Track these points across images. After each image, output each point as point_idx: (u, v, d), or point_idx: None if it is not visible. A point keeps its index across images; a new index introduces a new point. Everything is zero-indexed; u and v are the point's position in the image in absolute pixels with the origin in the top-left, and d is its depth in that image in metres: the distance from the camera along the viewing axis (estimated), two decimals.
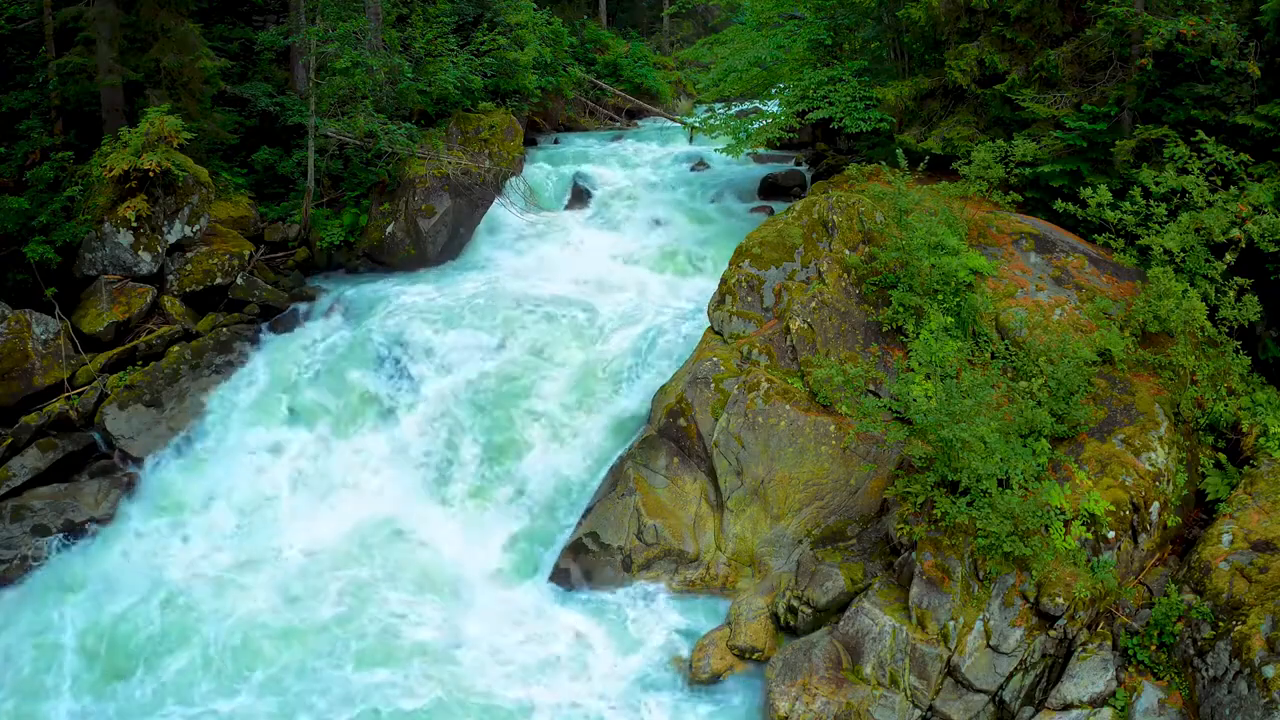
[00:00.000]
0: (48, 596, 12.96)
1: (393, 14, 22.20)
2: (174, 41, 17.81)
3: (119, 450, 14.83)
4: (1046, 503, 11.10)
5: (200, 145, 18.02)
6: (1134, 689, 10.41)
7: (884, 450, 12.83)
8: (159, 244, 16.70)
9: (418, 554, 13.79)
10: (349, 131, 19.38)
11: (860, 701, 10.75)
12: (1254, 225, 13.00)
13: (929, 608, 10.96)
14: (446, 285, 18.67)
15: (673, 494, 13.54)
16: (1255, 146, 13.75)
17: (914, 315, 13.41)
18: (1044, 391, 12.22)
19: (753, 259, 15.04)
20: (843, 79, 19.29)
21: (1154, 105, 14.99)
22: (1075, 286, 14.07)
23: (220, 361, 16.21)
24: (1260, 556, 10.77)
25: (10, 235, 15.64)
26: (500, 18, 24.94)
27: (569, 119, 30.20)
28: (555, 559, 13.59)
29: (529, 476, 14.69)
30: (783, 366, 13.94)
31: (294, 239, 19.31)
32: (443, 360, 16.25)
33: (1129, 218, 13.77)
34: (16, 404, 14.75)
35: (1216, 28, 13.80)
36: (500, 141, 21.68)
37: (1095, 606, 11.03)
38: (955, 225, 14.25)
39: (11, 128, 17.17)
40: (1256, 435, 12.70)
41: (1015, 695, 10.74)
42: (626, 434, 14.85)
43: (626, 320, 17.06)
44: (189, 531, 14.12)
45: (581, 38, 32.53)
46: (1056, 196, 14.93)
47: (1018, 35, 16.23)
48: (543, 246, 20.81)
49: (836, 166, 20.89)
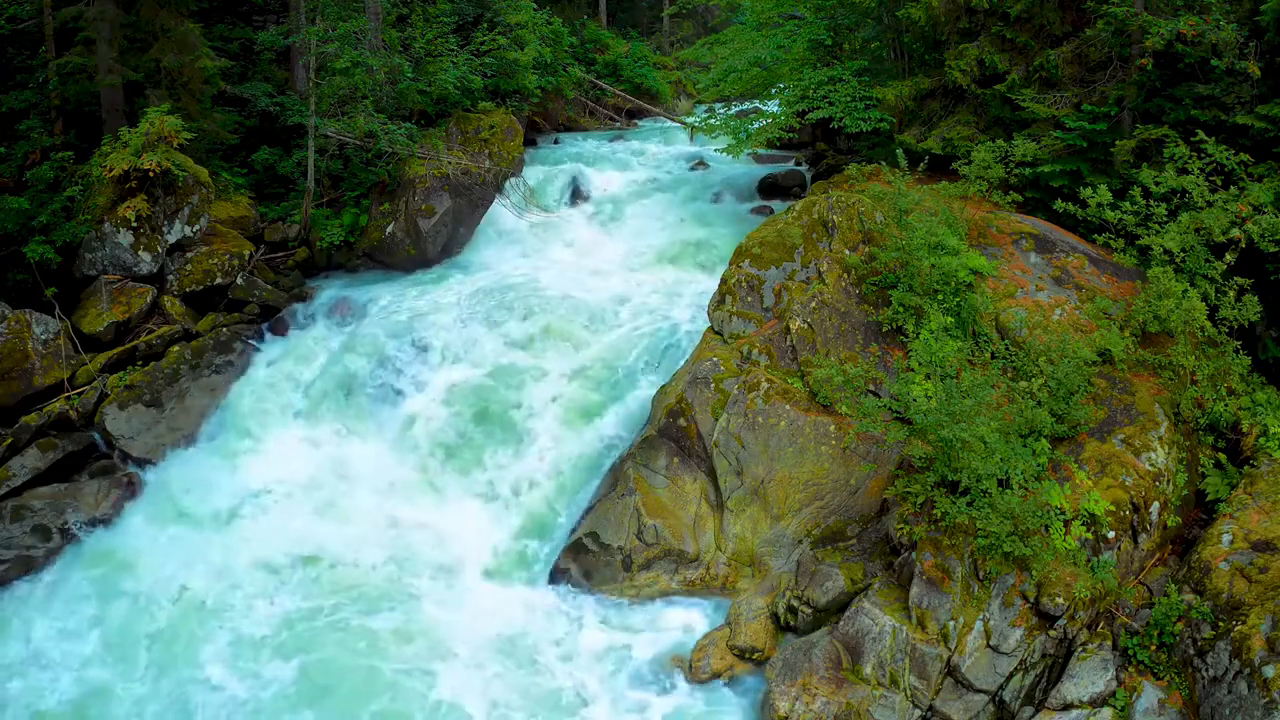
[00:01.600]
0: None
1: (393, 14, 22.20)
2: (174, 41, 17.82)
3: (119, 450, 14.84)
4: (1046, 503, 11.10)
5: (200, 145, 18.03)
6: (1134, 689, 10.40)
7: (884, 450, 12.83)
8: (159, 244, 16.70)
9: (417, 554, 13.78)
10: (349, 131, 19.38)
11: (860, 701, 10.75)
12: (1254, 225, 12.99)
13: (929, 608, 10.96)
14: (446, 285, 18.68)
15: (673, 494, 13.54)
16: (1255, 146, 13.74)
17: (914, 315, 13.41)
18: (1044, 391, 12.22)
19: (753, 259, 15.04)
20: (843, 79, 19.29)
21: (1154, 105, 14.99)
22: (1075, 286, 14.07)
23: (220, 361, 16.22)
24: (1260, 556, 10.76)
25: (10, 235, 15.65)
26: (500, 18, 24.95)
27: (569, 119, 30.21)
28: (555, 559, 13.59)
29: (528, 476, 14.69)
30: (783, 366, 13.94)
31: (294, 239, 19.31)
32: (442, 360, 16.26)
33: (1129, 218, 13.77)
34: (16, 404, 14.76)
35: (1216, 28, 13.80)
36: (500, 141, 21.68)
37: (1095, 606, 11.03)
38: (955, 225, 14.25)
39: (11, 128, 17.18)
40: (1256, 435, 12.70)
41: (1015, 695, 10.74)
42: (626, 434, 14.85)
43: (626, 320, 17.06)
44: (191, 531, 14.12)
45: (581, 38, 32.54)
46: (1056, 196, 14.93)
47: (1018, 35, 16.23)
48: (543, 246, 20.83)
49: (836, 166, 20.89)
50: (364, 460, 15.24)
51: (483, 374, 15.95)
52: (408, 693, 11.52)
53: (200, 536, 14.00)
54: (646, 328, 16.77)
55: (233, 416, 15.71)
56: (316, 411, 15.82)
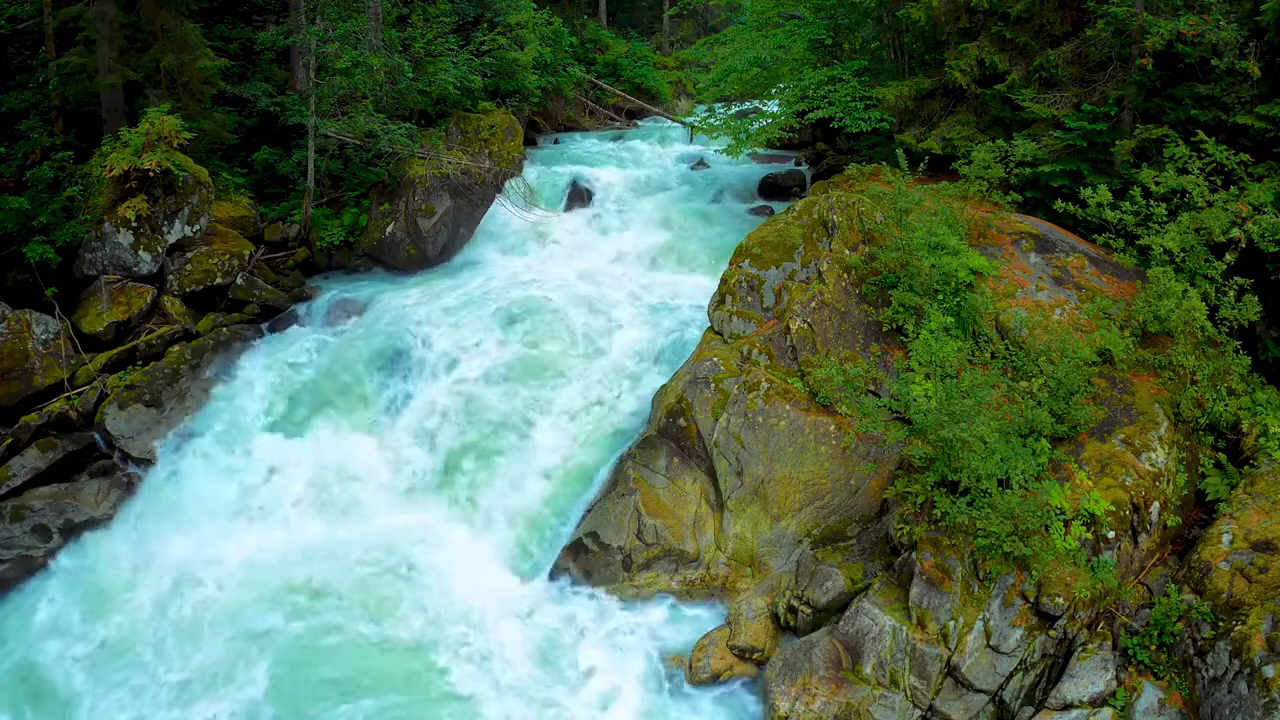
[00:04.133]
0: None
1: (393, 14, 22.19)
2: (174, 41, 17.82)
3: (119, 450, 14.84)
4: (1046, 503, 11.09)
5: (200, 145, 18.02)
6: (1134, 689, 10.41)
7: (884, 450, 12.83)
8: (159, 244, 16.70)
9: (417, 554, 13.78)
10: (349, 131, 19.38)
11: (860, 701, 10.75)
12: (1254, 225, 12.99)
13: (929, 608, 10.96)
14: (446, 285, 18.68)
15: (673, 494, 13.54)
16: (1255, 146, 13.74)
17: (914, 315, 13.41)
18: (1044, 391, 12.22)
19: (753, 259, 15.04)
20: (843, 79, 19.30)
21: (1154, 105, 14.99)
22: (1075, 286, 14.07)
23: (220, 361, 16.21)
24: (1260, 556, 10.76)
25: (10, 235, 15.65)
26: (500, 18, 24.95)
27: (569, 119, 30.21)
28: (555, 558, 13.59)
29: (528, 475, 14.67)
30: (783, 366, 13.94)
31: (294, 239, 19.30)
32: (443, 359, 16.25)
33: (1129, 218, 13.77)
34: (16, 404, 14.76)
35: (1216, 28, 13.80)
36: (500, 141, 21.68)
37: (1095, 606, 11.03)
38: (955, 225, 14.25)
39: (11, 128, 17.18)
40: (1256, 435, 12.70)
41: (1015, 695, 10.74)
42: (626, 433, 14.85)
43: (626, 320, 17.06)
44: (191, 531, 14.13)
45: (581, 38, 32.54)
46: (1056, 196, 14.93)
47: (1018, 35, 16.23)
48: (542, 246, 20.83)
49: (836, 166, 20.90)
50: (364, 460, 15.22)
51: (483, 374, 15.94)
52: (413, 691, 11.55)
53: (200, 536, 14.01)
54: (646, 327, 16.77)
55: (233, 416, 15.69)
56: (316, 411, 15.78)
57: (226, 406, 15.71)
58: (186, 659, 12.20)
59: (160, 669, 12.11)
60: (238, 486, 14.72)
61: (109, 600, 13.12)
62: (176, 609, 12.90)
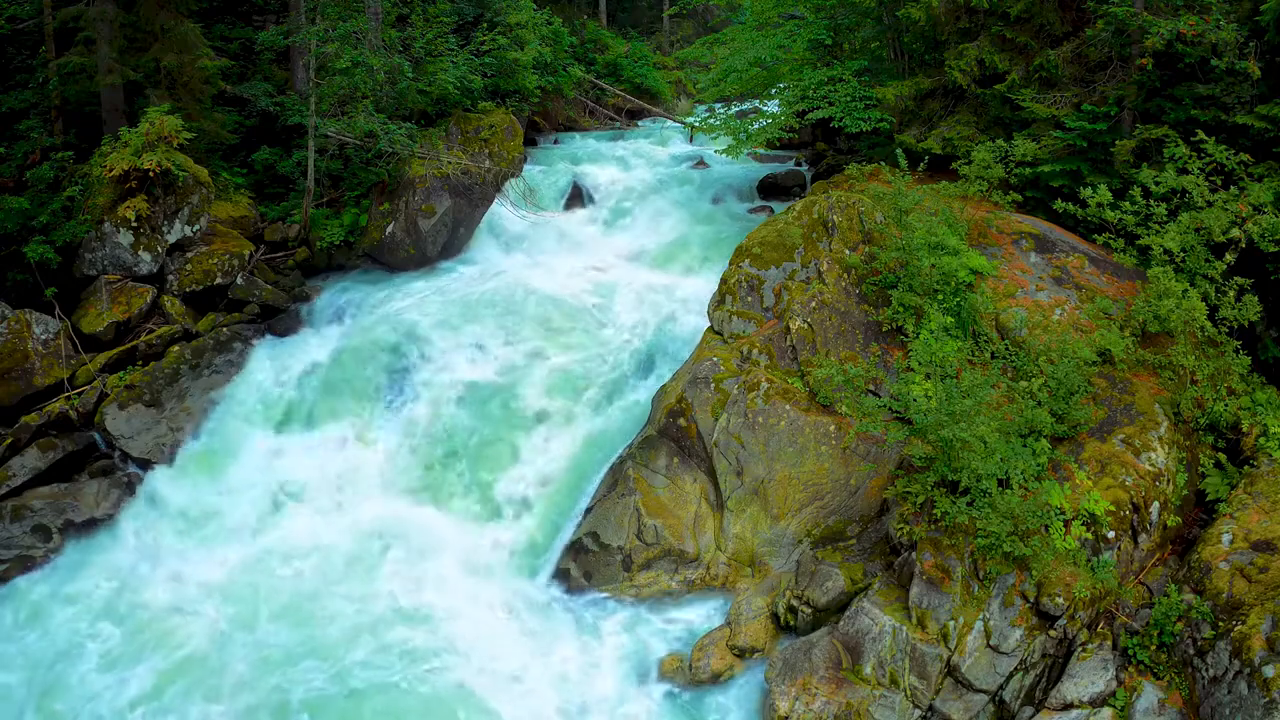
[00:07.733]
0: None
1: (393, 14, 22.19)
2: (174, 41, 17.81)
3: (119, 450, 14.84)
4: (1046, 503, 11.10)
5: (200, 145, 18.02)
6: (1134, 689, 10.40)
7: (884, 450, 12.83)
8: (159, 244, 16.70)
9: (416, 553, 13.78)
10: (349, 131, 19.37)
11: (860, 701, 10.75)
12: (1254, 225, 13.00)
13: (929, 608, 10.96)
14: (447, 285, 18.68)
15: (673, 494, 13.54)
16: (1255, 146, 13.75)
17: (914, 315, 13.41)
18: (1044, 391, 12.22)
19: (753, 259, 15.04)
20: (843, 79, 19.30)
21: (1154, 105, 14.99)
22: (1075, 286, 14.07)
23: (220, 361, 16.21)
24: (1260, 556, 10.76)
25: (10, 235, 15.64)
26: (500, 17, 24.95)
27: (569, 119, 30.21)
28: (555, 558, 13.59)
29: (528, 475, 14.69)
30: (783, 366, 13.94)
31: (294, 239, 19.30)
32: (442, 359, 16.26)
33: (1129, 218, 13.77)
34: (16, 404, 14.76)
35: (1216, 28, 13.80)
36: (500, 141, 21.68)
37: (1095, 606, 11.03)
38: (955, 225, 14.25)
39: (11, 128, 17.17)
40: (1256, 435, 12.70)
41: (1015, 695, 10.74)
42: (626, 433, 14.85)
43: (626, 320, 17.07)
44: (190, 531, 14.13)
45: (581, 38, 32.55)
46: (1056, 196, 14.94)
47: (1018, 35, 16.23)
48: (542, 246, 20.83)
49: (836, 166, 20.89)
50: (363, 459, 15.22)
51: (483, 374, 15.95)
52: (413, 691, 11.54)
53: (200, 536, 14.01)
54: (646, 327, 16.77)
55: (233, 416, 15.69)
56: (316, 412, 15.79)
57: (226, 406, 15.71)
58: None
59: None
60: (237, 486, 14.70)
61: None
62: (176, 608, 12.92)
